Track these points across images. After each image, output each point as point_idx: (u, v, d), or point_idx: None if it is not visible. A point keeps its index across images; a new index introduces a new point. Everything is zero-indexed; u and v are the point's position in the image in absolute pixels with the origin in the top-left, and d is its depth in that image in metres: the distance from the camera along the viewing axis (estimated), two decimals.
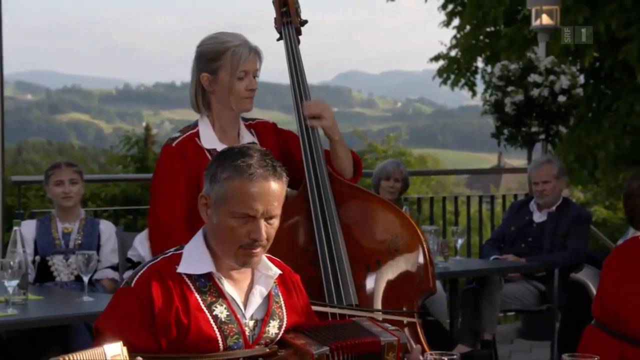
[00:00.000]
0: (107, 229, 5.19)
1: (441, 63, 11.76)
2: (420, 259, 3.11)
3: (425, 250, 3.12)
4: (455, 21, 11.68)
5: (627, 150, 10.30)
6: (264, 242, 2.40)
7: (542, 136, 7.40)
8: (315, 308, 2.92)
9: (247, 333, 2.42)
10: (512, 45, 10.45)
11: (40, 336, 4.16)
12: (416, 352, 2.60)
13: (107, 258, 5.11)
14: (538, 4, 7.63)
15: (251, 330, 2.44)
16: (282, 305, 2.50)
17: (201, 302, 2.39)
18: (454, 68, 11.66)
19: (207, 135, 3.23)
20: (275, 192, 2.40)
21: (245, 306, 2.45)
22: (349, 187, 3.23)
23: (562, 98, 7.26)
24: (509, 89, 7.35)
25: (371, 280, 3.10)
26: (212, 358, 2.37)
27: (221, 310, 2.40)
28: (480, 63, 11.69)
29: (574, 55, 9.91)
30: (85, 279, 4.14)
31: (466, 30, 11.48)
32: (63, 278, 4.99)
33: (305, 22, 3.44)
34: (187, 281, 2.41)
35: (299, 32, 3.43)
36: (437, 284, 3.92)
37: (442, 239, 5.90)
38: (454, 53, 11.73)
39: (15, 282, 3.74)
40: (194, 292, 2.39)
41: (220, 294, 2.42)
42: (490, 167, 26.94)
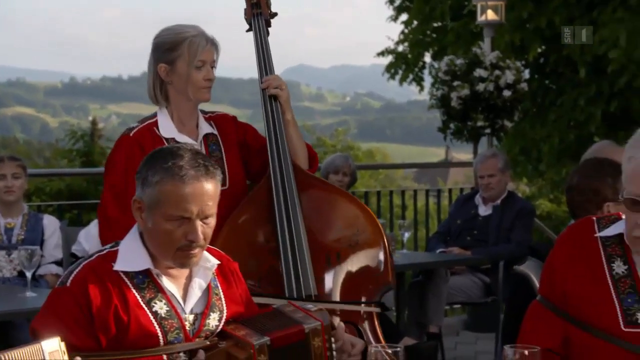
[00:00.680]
0: (51, 223, 5.13)
1: (389, 58, 11.82)
2: (381, 253, 3.13)
3: (386, 245, 3.14)
4: (403, 16, 11.75)
5: (571, 145, 10.45)
6: (201, 242, 2.39)
7: (488, 130, 7.49)
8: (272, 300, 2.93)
9: (187, 327, 2.42)
10: (458, 40, 10.54)
11: None
12: (340, 329, 2.62)
13: (50, 253, 5.06)
14: None
15: (191, 324, 2.43)
16: (222, 296, 2.50)
17: (140, 299, 2.38)
18: (401, 63, 11.73)
19: (165, 125, 3.23)
20: (209, 192, 2.37)
21: (184, 300, 2.45)
22: (312, 179, 3.24)
23: (507, 92, 7.35)
24: (455, 83, 7.42)
25: (331, 272, 3.11)
26: (152, 353, 2.36)
27: (161, 306, 2.39)
28: (427, 58, 11.78)
29: (519, 51, 10.02)
30: (28, 274, 4.09)
31: (414, 25, 11.55)
32: (5, 274, 4.92)
33: (275, 14, 3.47)
34: (124, 278, 2.39)
35: (268, 24, 3.44)
36: None
37: (389, 232, 5.94)
38: (401, 48, 11.79)
39: None
40: (132, 289, 2.38)
41: (159, 290, 2.41)
42: (438, 161, 27.18)
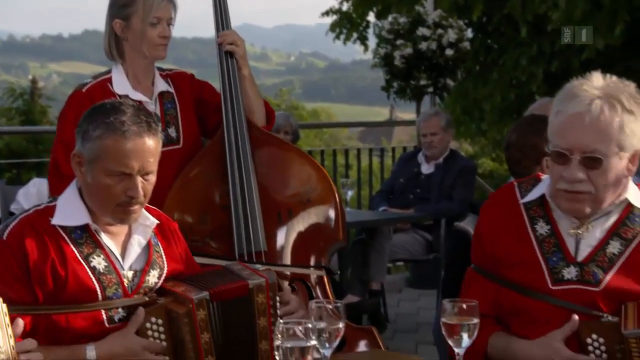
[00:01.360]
0: None
1: (334, 17, 11.76)
2: (332, 211, 3.13)
3: (338, 203, 3.14)
4: None
5: (513, 104, 10.55)
6: (141, 199, 2.39)
7: (431, 89, 7.51)
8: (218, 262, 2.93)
9: (125, 283, 2.42)
10: None
11: None
12: (287, 292, 2.64)
13: None
14: None
15: (130, 281, 2.43)
16: (162, 254, 2.50)
17: (77, 254, 2.37)
18: (346, 22, 11.68)
19: (120, 82, 3.21)
20: (151, 148, 2.37)
21: (123, 257, 2.44)
22: (266, 136, 3.23)
23: (449, 51, 7.37)
24: (398, 42, 7.42)
25: (282, 229, 3.11)
26: (91, 308, 2.36)
27: (99, 261, 2.39)
28: (372, 17, 11.75)
29: (462, 10, 10.04)
30: None
31: None
32: None
33: None
34: (62, 233, 2.38)
35: None
36: None
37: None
38: (346, 7, 11.74)
39: None
40: (70, 244, 2.37)
41: (97, 245, 2.41)
42: (382, 121, 27.24)
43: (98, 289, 2.36)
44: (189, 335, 2.36)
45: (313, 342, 1.93)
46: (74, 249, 2.37)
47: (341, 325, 2.07)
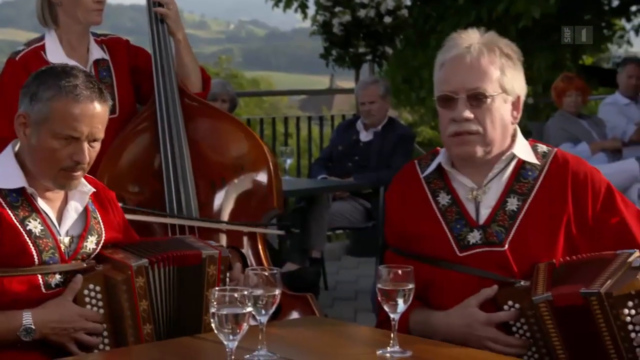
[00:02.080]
0: None
1: None
2: (266, 179, 3.12)
3: (272, 170, 3.13)
4: None
5: None
6: (85, 164, 2.36)
7: (369, 57, 7.52)
8: (158, 220, 2.91)
9: (62, 249, 2.39)
10: None
11: None
12: (237, 269, 2.63)
13: None
14: None
15: (67, 247, 2.41)
16: (100, 220, 2.48)
17: (13, 217, 2.34)
18: None
19: (53, 50, 3.13)
20: (100, 115, 2.35)
21: (59, 223, 2.41)
22: (198, 103, 3.19)
23: (388, 19, 7.37)
24: (337, 9, 7.39)
25: (215, 196, 3.09)
26: (27, 273, 2.33)
27: (35, 225, 2.36)
28: None
29: None
30: None
31: None
32: None
33: None
34: None
35: None
36: None
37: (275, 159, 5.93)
38: None
39: None
40: (5, 206, 2.34)
41: (33, 209, 2.38)
42: (322, 89, 27.23)
43: (34, 253, 2.33)
44: (127, 302, 2.34)
45: (249, 309, 1.92)
46: (10, 212, 2.34)
47: (277, 292, 2.06)
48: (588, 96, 7.23)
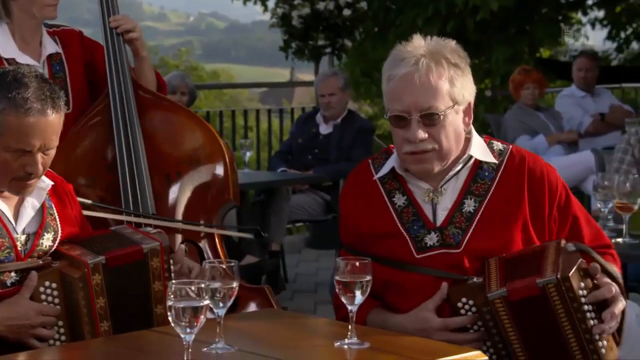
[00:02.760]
0: None
1: None
2: (222, 171, 3.10)
3: (228, 163, 3.12)
4: None
5: None
6: (39, 174, 2.33)
7: (329, 49, 7.53)
8: (111, 216, 2.89)
9: (19, 247, 2.37)
10: None
11: None
12: (180, 252, 2.62)
13: None
14: None
15: (23, 245, 2.38)
16: (56, 217, 2.45)
17: None
18: None
19: (5, 44, 3.06)
20: (54, 125, 2.29)
21: (16, 220, 2.38)
22: (153, 96, 3.16)
23: (347, 12, 7.39)
24: (296, 2, 7.39)
25: (171, 190, 3.07)
26: None
27: None
28: None
29: None
30: None
31: None
32: None
33: None
34: None
35: None
36: None
37: (231, 152, 5.92)
38: None
39: None
40: None
41: None
42: (282, 82, 27.15)
43: None
44: (83, 300, 2.33)
45: (206, 302, 1.91)
46: None
47: (235, 285, 2.06)
48: (545, 89, 7.31)
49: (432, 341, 2.21)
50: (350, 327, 2.10)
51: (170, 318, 1.89)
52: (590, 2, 11.43)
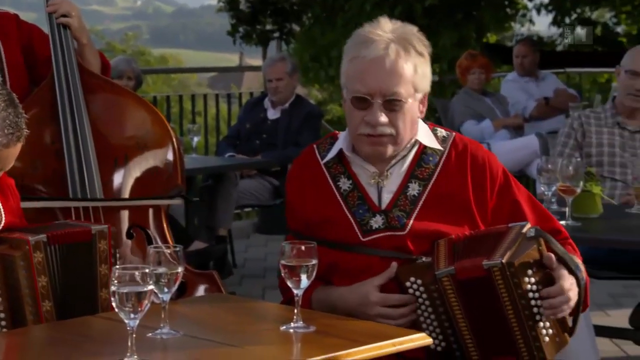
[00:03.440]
0: None
1: None
2: (170, 155, 3.09)
3: (175, 147, 3.10)
4: None
5: None
6: None
7: (277, 34, 7.51)
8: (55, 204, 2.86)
9: None
10: None
11: None
12: (125, 247, 2.61)
13: None
14: None
15: None
16: (0, 206, 2.42)
17: None
18: None
19: None
20: (14, 154, 2.28)
21: None
22: (99, 80, 3.13)
23: None
24: None
25: (119, 175, 3.05)
26: None
27: None
28: None
29: None
30: None
31: None
32: None
33: None
34: None
35: None
36: None
37: (180, 137, 5.89)
38: None
39: None
40: None
41: None
42: (230, 66, 27.03)
43: None
44: (25, 279, 2.29)
45: (150, 287, 1.90)
46: None
47: (180, 269, 2.05)
48: (491, 74, 7.38)
49: (378, 324, 2.22)
50: (296, 310, 2.11)
51: (114, 303, 1.88)
52: None
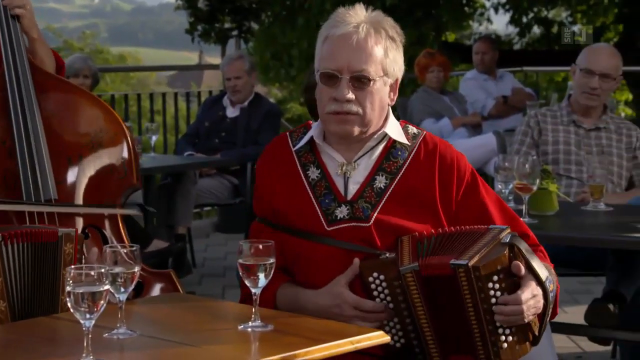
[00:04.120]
0: None
1: None
2: (125, 154, 3.06)
3: (130, 145, 3.07)
4: None
5: None
6: None
7: (235, 32, 7.49)
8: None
9: None
10: None
11: None
12: (92, 255, 2.59)
13: None
14: None
15: None
16: None
17: None
18: None
19: None
20: None
21: None
22: (51, 78, 3.09)
23: None
24: None
25: (73, 174, 3.01)
26: None
27: None
28: None
29: None
30: None
31: None
32: None
33: None
34: None
35: None
36: None
37: (138, 136, 5.85)
38: None
39: None
40: None
41: None
42: (189, 65, 26.93)
43: None
44: None
45: (106, 287, 1.89)
46: None
47: (136, 269, 2.04)
48: (450, 72, 7.42)
49: (335, 322, 2.22)
50: (254, 309, 2.10)
51: (70, 304, 1.86)
52: None
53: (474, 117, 7.01)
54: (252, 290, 2.12)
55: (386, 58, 2.39)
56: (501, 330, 2.28)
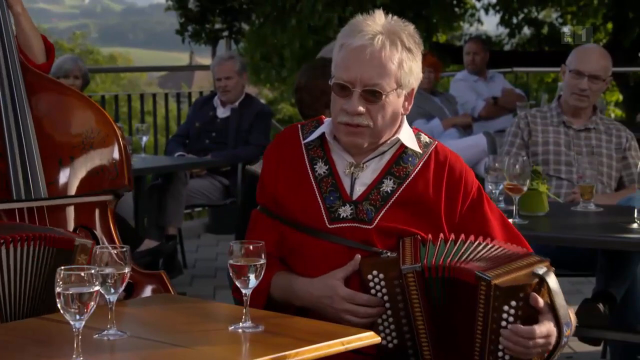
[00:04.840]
0: None
1: None
2: (116, 155, 3.05)
3: (122, 146, 3.06)
4: None
5: (311, 49, 10.69)
6: None
7: (226, 33, 7.49)
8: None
9: None
10: None
11: None
12: None
13: None
14: None
15: None
16: None
17: None
18: None
19: None
20: None
21: None
22: (43, 79, 3.08)
23: None
24: None
25: (64, 175, 3.00)
26: None
27: None
28: None
29: None
30: None
31: None
32: None
33: None
34: None
35: None
36: None
37: (128, 136, 5.85)
38: None
39: None
40: None
41: None
42: (180, 65, 26.90)
43: None
44: None
45: (96, 288, 1.88)
46: None
47: (127, 270, 2.04)
48: (440, 73, 7.43)
49: (326, 323, 2.22)
50: (244, 310, 2.10)
51: (59, 305, 1.86)
52: None
53: (464, 117, 7.02)
54: (243, 291, 2.12)
55: (400, 70, 2.35)
56: (501, 354, 2.25)
